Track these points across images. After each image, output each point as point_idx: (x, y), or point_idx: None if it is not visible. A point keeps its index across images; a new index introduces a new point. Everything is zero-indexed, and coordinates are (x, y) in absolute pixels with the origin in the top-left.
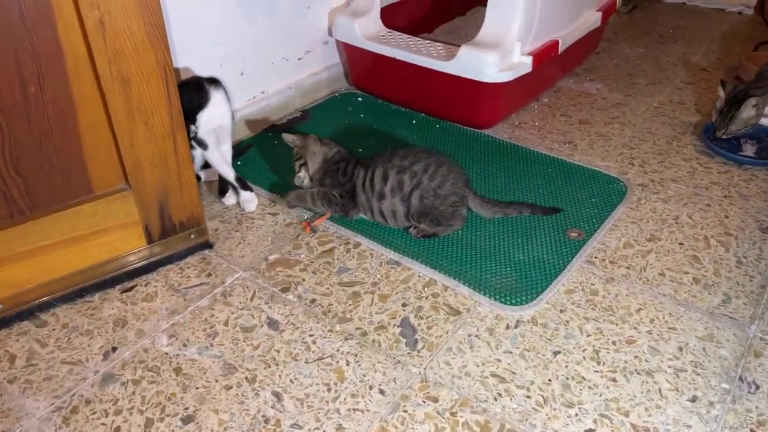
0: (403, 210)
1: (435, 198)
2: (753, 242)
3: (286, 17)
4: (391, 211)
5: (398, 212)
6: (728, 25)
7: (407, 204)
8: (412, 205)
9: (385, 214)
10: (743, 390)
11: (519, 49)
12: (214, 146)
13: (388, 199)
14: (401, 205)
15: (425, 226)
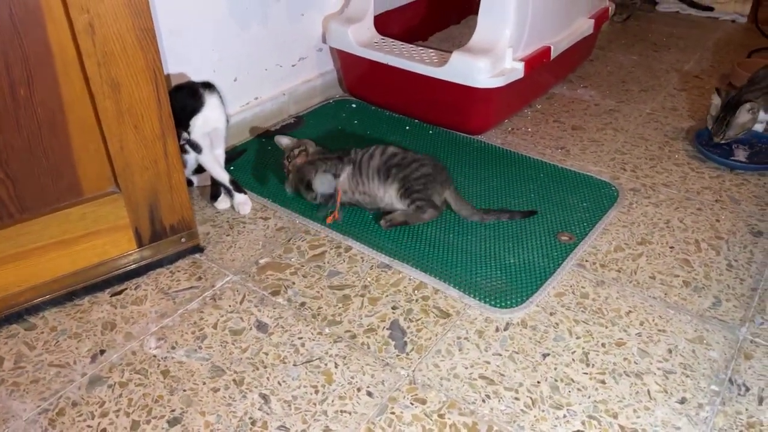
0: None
1: (412, 162)
2: (744, 246)
3: (279, 24)
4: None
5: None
6: (722, 33)
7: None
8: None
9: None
10: (733, 392)
11: (511, 55)
12: (208, 149)
13: (376, 159)
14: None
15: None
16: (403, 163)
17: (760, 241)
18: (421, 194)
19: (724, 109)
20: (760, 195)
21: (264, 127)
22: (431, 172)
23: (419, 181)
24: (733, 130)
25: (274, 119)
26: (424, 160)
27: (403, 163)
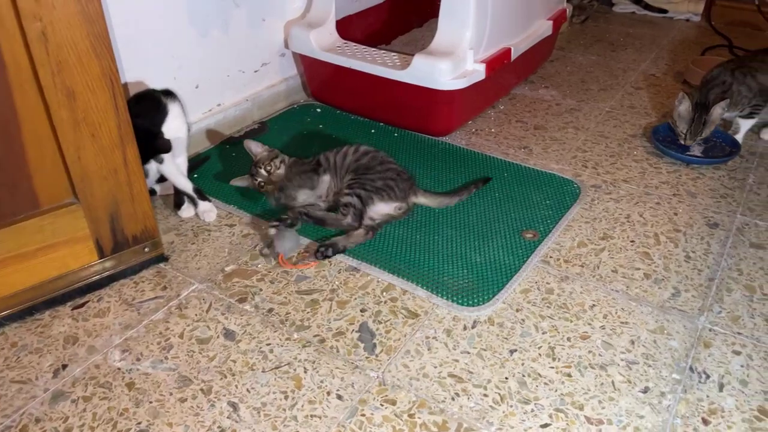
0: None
1: (379, 164)
2: (701, 237)
3: (240, 30)
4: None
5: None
6: (676, 32)
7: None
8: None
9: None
10: (694, 380)
11: (472, 56)
12: (170, 159)
13: (349, 156)
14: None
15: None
16: (370, 164)
17: (716, 232)
18: (365, 194)
19: (697, 110)
20: (715, 188)
21: (228, 133)
22: (395, 176)
23: (375, 183)
24: (710, 128)
25: (238, 126)
26: (392, 164)
27: (370, 164)
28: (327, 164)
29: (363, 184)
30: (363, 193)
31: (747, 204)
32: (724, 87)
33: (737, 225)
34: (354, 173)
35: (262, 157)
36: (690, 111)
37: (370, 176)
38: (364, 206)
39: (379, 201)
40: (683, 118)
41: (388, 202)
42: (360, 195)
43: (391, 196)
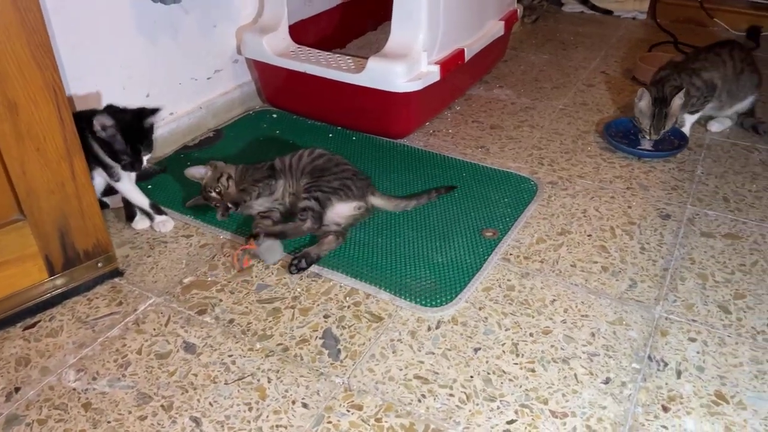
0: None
1: (335, 166)
2: (654, 229)
3: (191, 37)
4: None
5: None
6: (624, 30)
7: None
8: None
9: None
10: (653, 368)
11: (426, 58)
12: (127, 177)
13: (304, 159)
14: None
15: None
16: (326, 166)
17: (668, 223)
18: (323, 195)
19: (656, 105)
20: (666, 180)
21: (182, 142)
22: (351, 176)
23: (332, 184)
24: (671, 120)
25: (193, 134)
26: (347, 165)
27: (326, 166)
28: (282, 167)
29: (319, 186)
30: (320, 195)
31: (696, 195)
32: (677, 83)
33: (688, 215)
34: (310, 176)
35: (207, 180)
36: (650, 107)
37: (326, 178)
38: (322, 208)
39: (337, 201)
40: (644, 113)
41: (346, 201)
42: (317, 197)
43: (348, 195)
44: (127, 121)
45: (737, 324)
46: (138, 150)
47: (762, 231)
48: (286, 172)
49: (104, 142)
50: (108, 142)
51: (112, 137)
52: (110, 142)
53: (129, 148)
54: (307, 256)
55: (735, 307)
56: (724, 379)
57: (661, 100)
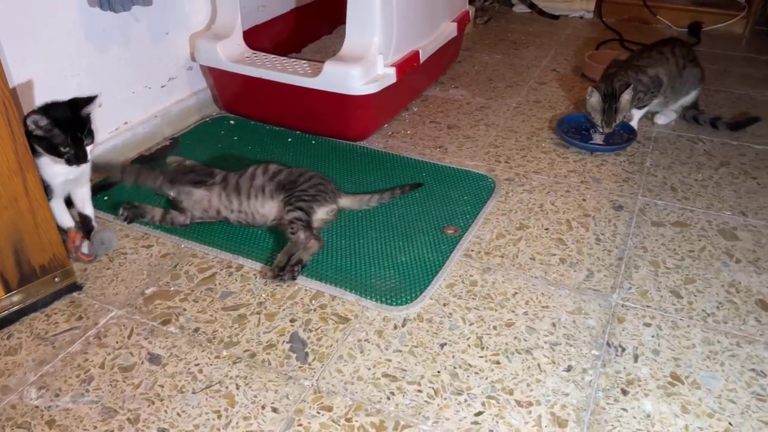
0: (270, 188)
1: (299, 176)
2: (608, 220)
3: (142, 45)
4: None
5: (266, 189)
6: (572, 29)
7: (276, 180)
8: (280, 181)
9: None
10: (611, 354)
11: (382, 61)
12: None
13: (259, 178)
14: (269, 183)
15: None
16: (290, 179)
17: (621, 214)
18: (313, 204)
19: (606, 101)
20: (617, 173)
21: (138, 152)
22: (320, 181)
23: (308, 192)
24: (621, 114)
25: (148, 143)
26: (310, 172)
27: (291, 178)
28: (224, 183)
29: (299, 196)
30: (304, 205)
31: (646, 186)
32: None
33: (639, 206)
34: (280, 192)
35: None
36: (601, 102)
37: (299, 188)
38: (309, 217)
39: (318, 208)
40: (596, 109)
41: (324, 206)
42: (302, 207)
43: (326, 199)
44: (62, 113)
45: (689, 308)
46: (79, 140)
47: (708, 218)
48: (229, 188)
49: (43, 139)
50: (46, 137)
51: (48, 132)
52: (48, 137)
53: (69, 139)
54: (301, 262)
55: (686, 291)
56: (678, 360)
57: (611, 95)
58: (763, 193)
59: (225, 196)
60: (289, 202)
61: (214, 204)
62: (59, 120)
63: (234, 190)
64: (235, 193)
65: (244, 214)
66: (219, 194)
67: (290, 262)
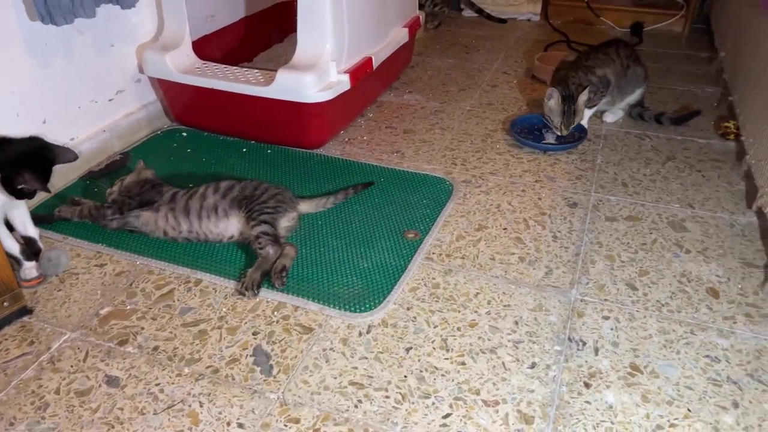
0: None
1: (255, 189)
2: (564, 217)
3: (87, 58)
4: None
5: (219, 208)
6: (520, 32)
7: (230, 196)
8: (235, 197)
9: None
10: (573, 348)
11: (335, 68)
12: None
13: (210, 197)
14: (222, 201)
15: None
16: (246, 193)
17: (576, 211)
18: (275, 215)
19: (565, 102)
20: (571, 171)
21: (86, 168)
22: (277, 191)
23: (268, 204)
24: (579, 115)
25: (97, 159)
26: (264, 184)
27: (246, 193)
28: (171, 204)
29: (261, 211)
30: (268, 218)
31: (599, 182)
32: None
33: (593, 202)
34: (238, 208)
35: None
36: (560, 104)
37: (258, 202)
38: (275, 229)
39: (280, 218)
40: (555, 111)
41: (286, 215)
42: (266, 221)
43: (287, 209)
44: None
45: (644, 299)
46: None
47: (658, 211)
48: (177, 210)
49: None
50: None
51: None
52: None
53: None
54: (285, 269)
55: (641, 283)
56: (636, 351)
57: (569, 97)
58: (708, 185)
59: (173, 218)
60: (252, 216)
61: (161, 225)
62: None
63: (183, 212)
64: (183, 215)
65: (195, 234)
66: (165, 215)
67: (275, 269)
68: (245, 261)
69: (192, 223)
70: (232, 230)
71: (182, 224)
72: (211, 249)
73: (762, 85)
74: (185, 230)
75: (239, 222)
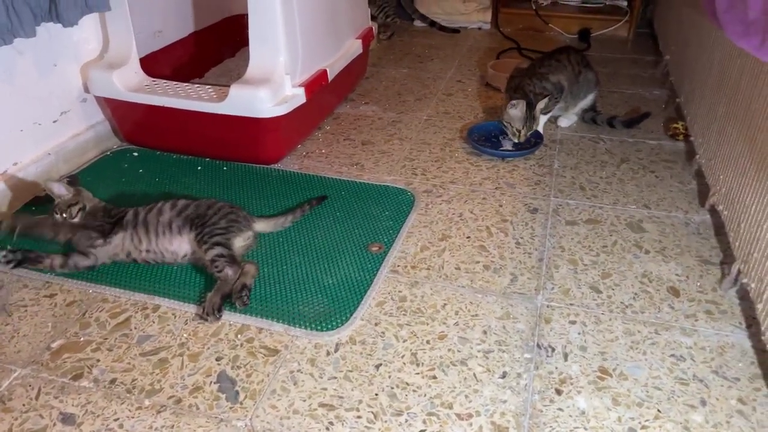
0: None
1: (208, 209)
2: (525, 223)
3: (27, 78)
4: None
5: (173, 224)
6: (472, 41)
7: (184, 214)
8: (188, 215)
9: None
10: (542, 355)
11: (289, 81)
12: None
13: (166, 213)
14: (176, 218)
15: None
16: (198, 212)
17: (537, 216)
18: (228, 234)
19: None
20: (529, 176)
21: (32, 193)
22: (230, 210)
23: (220, 225)
24: (536, 121)
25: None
26: (219, 203)
27: (199, 212)
28: (135, 221)
29: (212, 232)
30: (221, 239)
31: (557, 187)
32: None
33: (553, 207)
34: (190, 228)
35: (62, 201)
36: (524, 112)
37: (210, 223)
38: (231, 250)
39: (234, 238)
40: (518, 118)
41: (239, 235)
42: (219, 242)
43: (240, 228)
44: None
45: (608, 301)
46: None
47: (616, 213)
48: (138, 226)
49: None
50: None
51: None
52: None
53: None
54: (246, 286)
55: (604, 286)
56: (604, 354)
57: (529, 104)
58: (662, 185)
59: (135, 236)
60: (203, 240)
61: (126, 246)
62: None
63: (142, 227)
64: (143, 230)
65: (152, 253)
66: (131, 235)
67: (235, 289)
68: (204, 283)
69: (150, 240)
70: (185, 248)
71: (142, 242)
72: (168, 273)
73: (707, 85)
74: (144, 249)
75: (190, 241)
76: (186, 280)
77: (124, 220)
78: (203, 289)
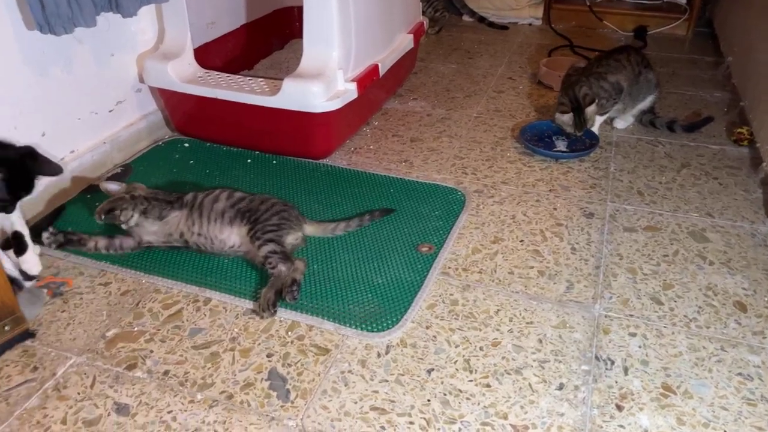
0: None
1: (261, 204)
2: (581, 228)
3: (86, 68)
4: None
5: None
6: (523, 37)
7: (238, 206)
8: (241, 208)
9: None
10: (601, 368)
11: (342, 76)
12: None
13: (222, 202)
14: (230, 209)
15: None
16: (251, 206)
17: (593, 221)
18: (279, 232)
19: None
20: (584, 179)
21: (88, 182)
22: (283, 208)
23: (272, 221)
24: (590, 122)
25: (98, 171)
26: (272, 199)
27: (252, 206)
28: (192, 202)
29: (264, 229)
30: (273, 236)
31: (614, 191)
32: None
33: (609, 212)
34: (240, 221)
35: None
36: (572, 118)
37: (262, 219)
38: (283, 247)
39: (286, 236)
40: (567, 124)
41: (290, 234)
42: (272, 239)
43: (291, 227)
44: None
45: (670, 314)
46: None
47: (677, 221)
48: (194, 209)
49: None
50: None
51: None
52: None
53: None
54: (296, 282)
55: (666, 297)
56: (668, 370)
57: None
58: (725, 192)
59: (190, 217)
60: (256, 236)
61: (181, 226)
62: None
63: (197, 210)
64: (197, 213)
65: (203, 237)
66: (187, 215)
67: (285, 284)
68: (256, 278)
69: (202, 224)
70: (234, 240)
71: (195, 224)
72: (219, 265)
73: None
74: (196, 232)
75: (239, 234)
76: (237, 273)
77: (185, 199)
78: (255, 283)
